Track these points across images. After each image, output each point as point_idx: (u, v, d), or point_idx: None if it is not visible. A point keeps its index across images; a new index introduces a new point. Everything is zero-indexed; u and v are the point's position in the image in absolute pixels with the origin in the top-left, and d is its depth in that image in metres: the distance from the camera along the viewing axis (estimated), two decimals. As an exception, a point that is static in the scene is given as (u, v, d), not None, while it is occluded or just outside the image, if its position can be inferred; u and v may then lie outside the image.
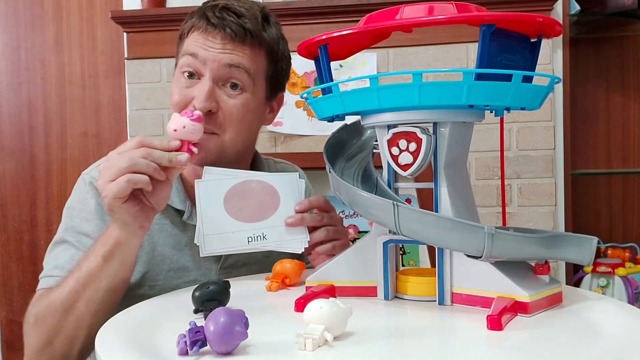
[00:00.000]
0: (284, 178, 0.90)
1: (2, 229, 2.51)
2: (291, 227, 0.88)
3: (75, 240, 0.92)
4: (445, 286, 0.70)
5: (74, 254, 0.91)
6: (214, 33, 0.92)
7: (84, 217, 0.94)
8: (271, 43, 0.96)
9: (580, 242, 0.68)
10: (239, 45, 0.92)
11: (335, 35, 0.70)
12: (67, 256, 0.91)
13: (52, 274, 0.90)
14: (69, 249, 0.92)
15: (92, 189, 0.96)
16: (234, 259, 1.01)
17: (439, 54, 1.97)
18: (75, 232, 0.93)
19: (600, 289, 1.93)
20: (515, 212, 1.96)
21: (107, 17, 2.16)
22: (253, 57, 0.94)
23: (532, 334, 0.60)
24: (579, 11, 2.00)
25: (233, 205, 0.85)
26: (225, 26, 0.91)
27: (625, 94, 2.30)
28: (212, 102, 0.91)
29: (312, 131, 2.00)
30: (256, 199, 0.87)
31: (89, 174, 0.99)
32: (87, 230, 0.93)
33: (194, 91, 0.92)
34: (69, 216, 0.96)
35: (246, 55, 0.93)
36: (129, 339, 0.60)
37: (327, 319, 0.57)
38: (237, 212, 0.85)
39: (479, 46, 0.64)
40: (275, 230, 0.87)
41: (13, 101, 2.51)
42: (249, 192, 0.87)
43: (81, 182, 0.99)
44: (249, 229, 0.85)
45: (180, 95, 0.93)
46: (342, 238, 0.93)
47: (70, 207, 0.97)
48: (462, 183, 0.73)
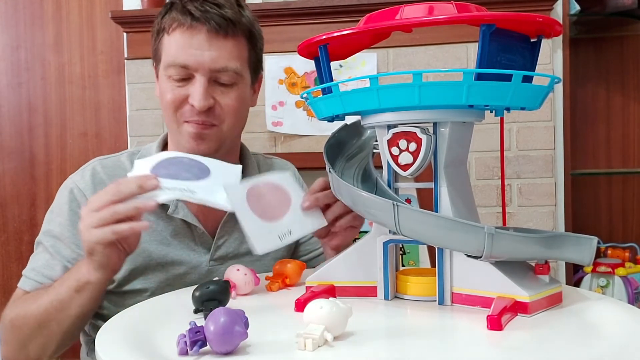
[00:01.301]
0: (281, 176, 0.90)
1: (2, 229, 2.51)
2: (308, 212, 0.85)
3: (50, 245, 0.96)
4: (445, 286, 0.70)
5: (49, 258, 0.95)
6: (198, 28, 0.93)
7: (59, 222, 0.97)
8: (250, 27, 0.99)
9: (580, 242, 0.68)
10: (222, 40, 0.93)
11: (335, 35, 0.70)
12: (43, 260, 0.95)
13: (29, 275, 0.95)
14: (44, 252, 0.96)
15: (69, 194, 0.98)
16: (224, 250, 1.01)
17: (439, 54, 1.97)
18: (51, 237, 0.96)
19: (600, 289, 1.93)
20: (515, 212, 1.96)
21: (107, 17, 2.16)
22: (237, 50, 0.96)
23: (532, 334, 0.60)
24: (579, 11, 2.00)
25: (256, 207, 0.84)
26: (208, 19, 0.92)
27: (625, 94, 2.30)
28: (209, 99, 0.93)
29: (312, 131, 1.99)
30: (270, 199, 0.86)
31: (72, 179, 1.01)
32: (60, 235, 0.96)
33: (187, 90, 0.94)
34: (48, 219, 0.99)
35: (232, 53, 0.95)
36: (129, 339, 0.60)
37: (327, 319, 0.57)
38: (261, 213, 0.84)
39: (479, 46, 0.64)
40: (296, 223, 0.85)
41: (13, 101, 2.51)
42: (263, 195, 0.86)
43: (64, 187, 1.01)
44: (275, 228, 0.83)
45: (173, 95, 0.95)
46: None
47: (50, 210, 1.00)
48: (462, 183, 0.73)
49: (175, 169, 0.83)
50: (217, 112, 0.95)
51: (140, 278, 0.96)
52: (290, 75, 2.01)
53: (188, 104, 0.94)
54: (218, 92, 0.95)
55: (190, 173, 0.83)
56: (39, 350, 0.88)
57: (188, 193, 0.79)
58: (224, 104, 0.95)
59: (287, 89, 2.01)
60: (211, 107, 0.94)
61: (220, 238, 1.01)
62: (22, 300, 0.92)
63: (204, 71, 0.93)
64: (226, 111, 0.96)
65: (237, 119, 0.98)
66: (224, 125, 0.96)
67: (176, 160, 0.85)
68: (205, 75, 0.93)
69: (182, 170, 0.83)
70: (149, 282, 0.96)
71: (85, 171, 1.01)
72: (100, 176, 0.99)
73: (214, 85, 0.94)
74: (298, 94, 1.99)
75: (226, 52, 0.94)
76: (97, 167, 1.01)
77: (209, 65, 0.93)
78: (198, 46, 0.92)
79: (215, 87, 0.95)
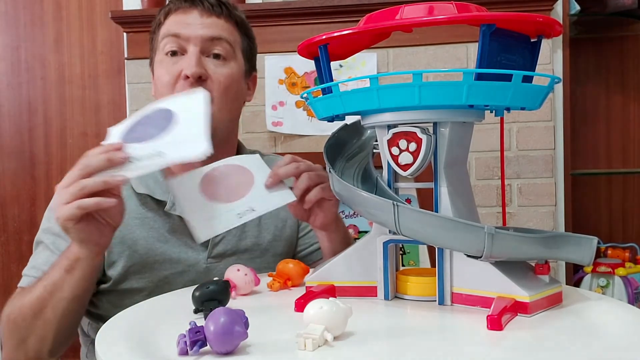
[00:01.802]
0: (246, 158, 0.88)
1: (2, 229, 2.51)
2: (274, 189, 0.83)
3: (51, 242, 0.95)
4: (445, 286, 0.70)
5: (49, 255, 0.94)
6: (191, 9, 0.97)
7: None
8: (243, 20, 1.03)
9: (580, 242, 0.68)
10: (215, 18, 0.97)
11: (335, 35, 0.70)
12: (43, 257, 0.95)
13: (29, 273, 0.95)
14: (45, 250, 0.96)
15: None
16: (223, 247, 1.00)
17: (439, 54, 1.97)
18: (51, 234, 0.96)
19: (600, 289, 1.93)
20: (515, 212, 1.96)
21: (107, 17, 2.16)
22: (229, 29, 0.99)
23: (532, 334, 0.60)
24: (579, 11, 2.00)
25: (210, 191, 0.83)
26: (202, 1, 0.96)
27: (625, 94, 2.30)
28: (201, 68, 0.95)
29: (312, 131, 2.00)
30: (230, 180, 0.85)
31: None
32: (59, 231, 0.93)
33: (180, 65, 0.96)
34: (48, 217, 0.98)
35: (224, 27, 0.98)
36: (129, 339, 0.60)
37: (327, 319, 0.57)
38: (217, 196, 0.83)
39: (479, 46, 0.64)
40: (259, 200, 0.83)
41: (13, 101, 2.51)
42: (221, 177, 0.85)
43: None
44: (234, 207, 0.82)
45: (169, 74, 0.96)
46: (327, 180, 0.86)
47: (49, 207, 0.99)
48: (462, 183, 0.73)
49: (142, 128, 0.80)
50: (209, 87, 0.94)
51: (136, 276, 0.96)
52: (290, 75, 2.01)
53: (182, 80, 0.95)
54: (211, 65, 0.96)
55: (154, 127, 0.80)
56: (37, 344, 0.87)
57: (157, 159, 0.76)
58: (216, 78, 0.96)
59: (287, 89, 2.01)
60: (203, 79, 0.95)
61: (218, 235, 1.00)
62: (19, 295, 0.91)
63: (196, 41, 0.95)
64: (217, 87, 0.96)
65: (228, 99, 0.98)
66: (215, 106, 0.93)
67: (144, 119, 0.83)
68: (198, 45, 0.95)
69: (148, 127, 0.80)
70: (145, 281, 0.96)
71: None
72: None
73: (207, 59, 0.97)
74: (298, 94, 1.99)
75: (219, 26, 0.98)
76: None
77: (202, 34, 0.95)
78: (191, 21, 0.96)
79: (208, 60, 0.97)
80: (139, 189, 0.98)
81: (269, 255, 1.02)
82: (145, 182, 0.98)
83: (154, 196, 0.97)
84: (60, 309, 0.84)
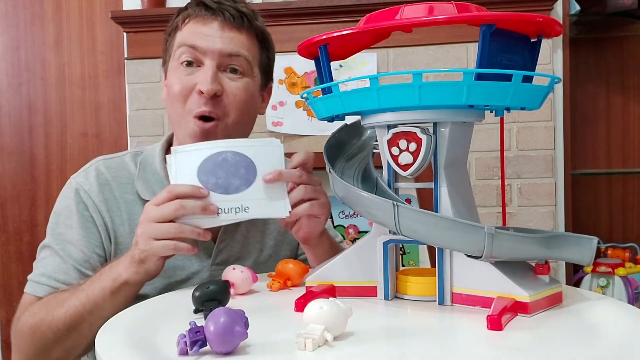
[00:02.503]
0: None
1: (2, 229, 2.51)
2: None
3: (60, 248, 0.94)
4: (445, 286, 0.70)
5: (60, 263, 0.93)
6: (211, 19, 0.94)
7: (68, 224, 0.96)
8: (263, 31, 1.00)
9: (580, 242, 0.68)
10: (236, 31, 0.94)
11: (335, 35, 0.70)
12: (54, 264, 0.93)
13: (40, 281, 0.93)
14: (54, 256, 0.94)
15: (75, 196, 0.97)
16: (227, 254, 1.00)
17: (439, 54, 1.97)
18: (60, 240, 0.95)
19: (600, 289, 1.93)
20: (515, 212, 1.96)
21: (107, 17, 2.16)
22: (249, 44, 0.96)
23: (532, 334, 0.60)
24: (579, 11, 2.00)
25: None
26: (223, 10, 0.93)
27: (625, 94, 2.30)
28: (217, 84, 0.93)
29: (312, 131, 2.00)
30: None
31: (75, 179, 0.99)
32: (70, 238, 0.95)
33: (195, 78, 0.93)
34: (55, 221, 0.97)
35: (243, 43, 0.95)
36: (129, 339, 0.60)
37: (327, 319, 0.57)
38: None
39: (479, 46, 0.64)
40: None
41: (13, 101, 2.51)
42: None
43: (68, 187, 0.99)
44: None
45: (181, 85, 0.94)
46: (321, 197, 0.87)
47: (56, 212, 0.98)
48: (462, 183, 0.73)
49: (222, 174, 0.82)
50: (224, 102, 0.94)
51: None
52: (290, 75, 2.01)
53: (195, 93, 0.93)
54: (226, 80, 0.94)
55: (238, 177, 0.82)
56: (63, 353, 0.87)
57: (242, 214, 0.81)
58: (231, 92, 0.94)
59: (287, 89, 2.01)
60: (218, 95, 0.93)
61: (222, 242, 1.00)
62: (41, 305, 0.89)
63: (213, 55, 0.93)
64: (232, 101, 0.94)
65: (243, 113, 0.96)
66: (229, 119, 0.94)
67: (220, 160, 0.82)
68: (215, 60, 0.93)
69: (230, 176, 0.82)
70: (149, 288, 0.94)
71: (89, 172, 0.99)
72: (104, 177, 0.99)
73: (223, 73, 0.94)
74: (298, 94, 1.99)
75: (238, 41, 0.95)
76: (101, 167, 1.00)
77: (220, 49, 0.93)
78: (210, 33, 0.93)
79: (224, 75, 0.94)
80: (144, 195, 0.97)
81: (272, 261, 1.02)
82: (152, 189, 0.98)
83: None
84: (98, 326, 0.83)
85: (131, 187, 0.99)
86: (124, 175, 0.99)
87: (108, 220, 0.96)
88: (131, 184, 0.99)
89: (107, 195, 0.97)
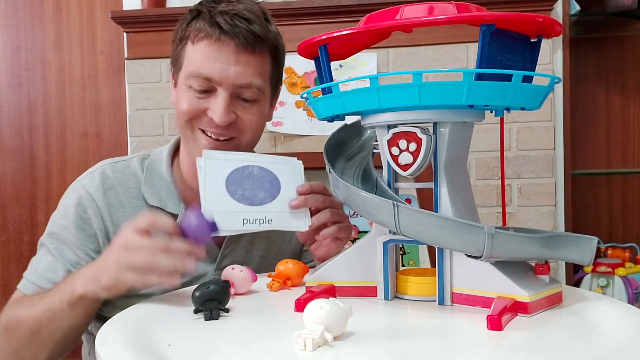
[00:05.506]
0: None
1: (2, 229, 2.51)
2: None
3: (54, 247, 0.94)
4: (445, 286, 0.70)
5: (52, 261, 0.94)
6: (226, 42, 0.91)
7: (63, 225, 0.96)
8: (275, 43, 0.98)
9: (580, 242, 0.68)
10: (249, 55, 0.92)
11: (335, 35, 0.70)
12: (46, 263, 0.94)
13: (30, 278, 0.94)
14: (47, 255, 0.95)
15: (77, 198, 0.96)
16: (231, 259, 1.00)
17: (439, 54, 1.97)
18: (55, 239, 0.95)
19: (600, 289, 1.93)
20: (515, 212, 1.96)
21: (107, 17, 2.16)
22: (262, 66, 0.95)
23: (532, 334, 0.60)
24: (579, 11, 2.00)
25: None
26: (237, 34, 0.90)
27: (625, 94, 2.30)
28: (231, 115, 0.93)
29: (312, 131, 1.99)
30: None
31: (81, 182, 0.99)
32: (65, 238, 0.95)
33: (207, 103, 0.93)
34: (53, 221, 0.98)
35: (256, 68, 0.93)
36: (129, 339, 0.60)
37: (327, 319, 0.57)
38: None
39: (479, 46, 0.64)
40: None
41: (13, 101, 2.51)
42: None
43: (72, 189, 0.99)
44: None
45: (192, 106, 0.93)
46: (345, 221, 0.91)
47: (56, 212, 0.99)
48: (462, 183, 0.73)
49: (249, 186, 0.85)
50: (238, 126, 0.94)
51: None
52: (290, 75, 2.01)
53: (206, 117, 0.93)
54: (240, 107, 0.94)
55: (263, 191, 0.86)
56: (30, 357, 0.87)
57: (265, 225, 0.85)
58: (246, 119, 0.95)
59: (287, 89, 2.01)
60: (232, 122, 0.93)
61: (227, 247, 1.00)
62: (17, 304, 0.91)
63: (227, 85, 0.91)
64: (247, 125, 0.95)
65: (256, 133, 0.98)
66: (243, 138, 0.96)
67: (247, 173, 0.87)
68: (229, 90, 0.92)
69: (255, 189, 0.86)
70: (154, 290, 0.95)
71: (94, 175, 0.99)
72: (111, 181, 0.98)
73: (235, 100, 0.93)
74: (298, 94, 1.99)
75: (251, 68, 0.93)
76: (108, 171, 0.99)
77: (234, 80, 0.91)
78: (225, 60, 0.91)
79: (236, 102, 0.94)
80: (151, 201, 0.97)
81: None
82: (158, 195, 0.98)
83: (165, 209, 0.97)
84: (57, 336, 0.84)
85: (137, 191, 0.98)
86: (131, 179, 0.99)
87: (110, 225, 0.96)
88: (137, 188, 0.99)
89: (111, 199, 0.97)
